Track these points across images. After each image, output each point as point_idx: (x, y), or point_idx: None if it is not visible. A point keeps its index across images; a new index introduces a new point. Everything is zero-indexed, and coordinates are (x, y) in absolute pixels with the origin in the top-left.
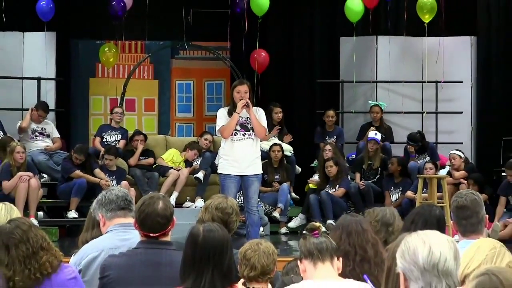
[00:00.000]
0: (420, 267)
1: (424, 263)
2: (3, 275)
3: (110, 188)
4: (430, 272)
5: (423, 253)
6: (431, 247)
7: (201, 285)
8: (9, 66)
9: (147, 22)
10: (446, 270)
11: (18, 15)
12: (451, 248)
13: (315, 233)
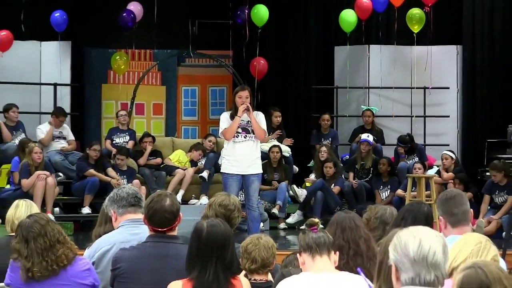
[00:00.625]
0: (410, 259)
1: (415, 256)
2: (23, 266)
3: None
4: (419, 263)
5: (414, 246)
6: (421, 241)
7: (206, 277)
8: (27, 73)
9: (155, 32)
10: (434, 263)
11: (36, 25)
12: (440, 243)
13: (314, 228)
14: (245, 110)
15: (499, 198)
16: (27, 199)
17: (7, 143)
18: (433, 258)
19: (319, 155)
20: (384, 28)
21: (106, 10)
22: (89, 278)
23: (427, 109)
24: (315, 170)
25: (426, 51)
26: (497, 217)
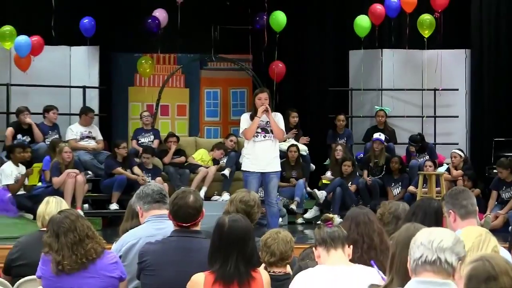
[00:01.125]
0: (418, 244)
1: (422, 241)
2: (53, 259)
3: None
4: (425, 246)
5: (424, 235)
6: (431, 232)
7: (227, 269)
8: (58, 76)
9: (179, 38)
10: (440, 247)
11: (65, 31)
12: (452, 236)
13: (329, 223)
14: (264, 111)
15: (505, 194)
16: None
17: (39, 143)
18: (439, 244)
19: (335, 154)
20: (396, 33)
21: (133, 16)
22: (116, 271)
23: (437, 110)
24: (331, 168)
25: (436, 54)
26: (504, 212)
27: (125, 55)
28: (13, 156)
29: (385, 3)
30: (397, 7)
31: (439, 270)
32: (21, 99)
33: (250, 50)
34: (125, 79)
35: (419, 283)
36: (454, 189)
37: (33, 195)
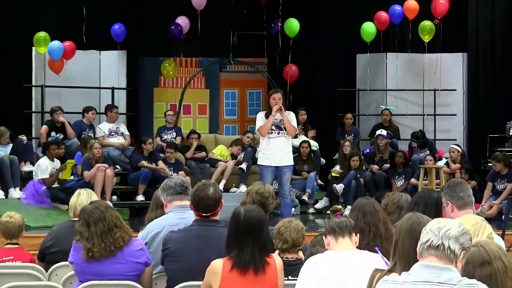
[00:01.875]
0: (427, 230)
1: (432, 227)
2: (84, 246)
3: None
4: (433, 232)
5: (434, 224)
6: (441, 221)
7: (243, 256)
8: (88, 78)
9: (200, 42)
10: (446, 234)
11: (95, 37)
12: (459, 226)
13: (337, 214)
14: (278, 110)
15: (500, 185)
16: (88, 188)
17: (71, 140)
18: (446, 232)
19: (343, 149)
20: (399, 38)
21: (157, 23)
22: (142, 257)
23: (437, 109)
24: (340, 162)
25: (436, 58)
26: (498, 202)
27: (150, 58)
28: (48, 152)
29: (389, 11)
30: (400, 14)
31: (442, 255)
32: (54, 100)
33: (265, 54)
34: (150, 80)
35: (423, 266)
36: (452, 181)
37: (66, 187)
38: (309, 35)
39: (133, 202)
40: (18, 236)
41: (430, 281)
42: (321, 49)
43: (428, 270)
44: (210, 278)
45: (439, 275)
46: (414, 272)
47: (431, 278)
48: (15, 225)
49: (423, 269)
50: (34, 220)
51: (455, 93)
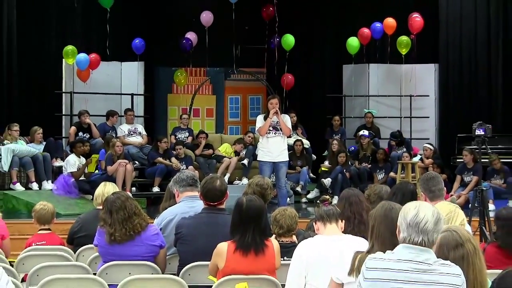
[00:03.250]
0: (407, 223)
1: (410, 221)
2: (107, 231)
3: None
4: (412, 228)
5: (412, 214)
6: (418, 212)
7: (245, 239)
8: (111, 86)
9: (207, 54)
10: (424, 229)
11: (118, 50)
12: (434, 216)
13: (325, 203)
14: (275, 113)
15: (467, 178)
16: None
17: (96, 139)
18: (424, 226)
19: (332, 147)
20: (380, 51)
21: (170, 38)
22: (157, 240)
23: (412, 112)
24: (329, 158)
25: (411, 68)
26: (465, 193)
27: (165, 68)
28: (75, 149)
29: (371, 27)
30: (380, 30)
31: (422, 244)
32: (81, 104)
33: (264, 65)
34: (165, 87)
35: (405, 247)
36: (426, 175)
37: (91, 180)
38: (303, 48)
39: (150, 193)
40: (50, 222)
41: (410, 260)
42: (313, 60)
43: (409, 250)
44: (217, 258)
45: (418, 255)
46: (397, 252)
47: (411, 257)
48: (48, 212)
49: (405, 249)
50: (63, 209)
51: (428, 99)
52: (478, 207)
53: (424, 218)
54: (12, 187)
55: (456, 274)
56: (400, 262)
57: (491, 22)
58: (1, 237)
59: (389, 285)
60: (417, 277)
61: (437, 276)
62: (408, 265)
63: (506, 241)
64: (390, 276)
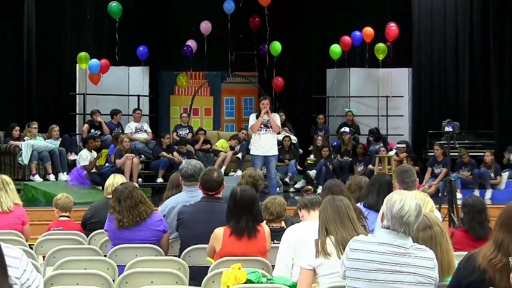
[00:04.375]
0: (392, 214)
1: (395, 213)
2: (116, 218)
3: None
4: (396, 219)
5: (397, 207)
6: (404, 204)
7: (240, 225)
8: (119, 88)
9: (206, 60)
10: (406, 222)
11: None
12: (416, 210)
13: (309, 193)
14: (266, 113)
15: (437, 169)
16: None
17: (106, 135)
18: (407, 219)
19: (316, 142)
20: (359, 57)
21: (172, 45)
22: (161, 225)
23: (388, 111)
24: (314, 152)
25: (387, 72)
26: (436, 183)
27: (168, 72)
28: (88, 145)
29: (351, 35)
30: (360, 38)
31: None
32: (93, 104)
33: (256, 69)
34: (167, 89)
35: (385, 232)
36: (400, 167)
37: (102, 172)
38: (290, 54)
39: (154, 183)
40: (70, 210)
41: (389, 243)
42: (300, 65)
43: (389, 235)
44: (214, 242)
45: (396, 239)
46: (378, 235)
47: (390, 241)
48: (70, 202)
49: (386, 234)
50: (77, 197)
51: (402, 99)
52: (447, 196)
53: (408, 212)
54: (32, 179)
55: (429, 258)
56: (380, 245)
57: (459, 31)
58: (22, 223)
59: (370, 265)
60: (395, 259)
61: (412, 259)
62: (387, 248)
63: (472, 226)
64: (370, 257)
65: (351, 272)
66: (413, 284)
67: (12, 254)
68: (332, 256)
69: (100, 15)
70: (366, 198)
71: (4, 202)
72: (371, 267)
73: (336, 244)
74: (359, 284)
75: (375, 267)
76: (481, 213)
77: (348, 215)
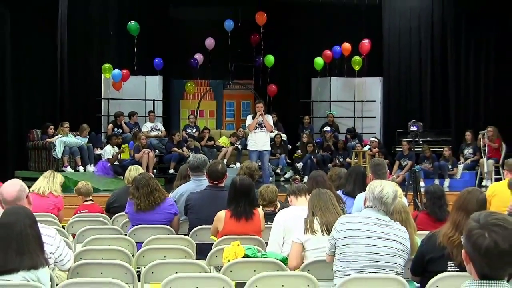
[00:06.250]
0: (373, 196)
1: (376, 195)
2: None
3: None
4: (377, 200)
5: (378, 189)
6: (383, 188)
7: (239, 209)
8: (138, 93)
9: (210, 70)
10: (385, 202)
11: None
12: (394, 193)
13: (296, 181)
14: (260, 115)
15: (404, 162)
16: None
17: (126, 134)
18: (385, 200)
19: (303, 139)
20: (339, 67)
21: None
22: (172, 209)
23: (363, 113)
24: (300, 148)
25: (362, 80)
26: (403, 173)
27: (178, 80)
28: (111, 141)
29: (332, 49)
30: (339, 52)
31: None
32: (115, 107)
33: (253, 78)
34: (178, 95)
35: (369, 209)
36: (374, 161)
37: (123, 165)
38: (281, 65)
39: (167, 174)
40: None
41: (372, 217)
42: (289, 74)
43: (372, 212)
44: (217, 223)
45: (378, 215)
46: (364, 212)
47: (374, 215)
48: (90, 187)
49: (369, 211)
50: (102, 185)
51: (374, 103)
52: (412, 184)
53: (387, 194)
54: (64, 170)
55: (404, 231)
56: (367, 218)
57: (422, 46)
58: (58, 208)
59: (360, 233)
60: (380, 229)
61: (392, 229)
62: (372, 220)
63: (433, 210)
64: (360, 227)
65: (342, 241)
66: (397, 249)
67: (48, 233)
68: (317, 234)
69: (121, 32)
70: (345, 187)
71: (42, 187)
72: (362, 234)
73: (321, 225)
74: (350, 249)
75: (364, 234)
76: (441, 199)
77: (332, 203)
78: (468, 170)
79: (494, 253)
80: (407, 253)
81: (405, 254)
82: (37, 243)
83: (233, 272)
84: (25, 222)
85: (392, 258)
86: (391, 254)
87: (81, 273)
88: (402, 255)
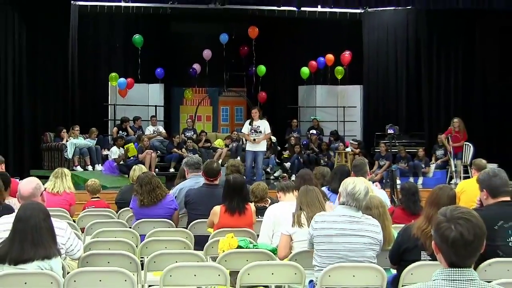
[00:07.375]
0: (347, 192)
1: (349, 191)
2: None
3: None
4: (350, 196)
5: (350, 186)
6: (355, 185)
7: (232, 204)
8: (141, 100)
9: (207, 78)
10: (357, 198)
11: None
12: (365, 189)
13: (284, 179)
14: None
15: (381, 162)
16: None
17: (130, 137)
18: (357, 196)
19: (290, 141)
20: (323, 76)
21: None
22: (173, 205)
23: (345, 117)
24: (288, 149)
25: (344, 88)
26: (381, 172)
27: (178, 88)
28: (117, 143)
29: (317, 60)
30: (323, 62)
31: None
32: (121, 112)
33: (245, 85)
34: (178, 101)
35: (343, 208)
36: (355, 161)
37: (128, 164)
38: (272, 74)
39: (168, 172)
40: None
41: (345, 215)
42: (278, 83)
43: (344, 209)
44: (213, 217)
45: (350, 212)
46: (337, 210)
47: (346, 213)
48: (98, 185)
49: (342, 208)
50: (109, 183)
51: (355, 109)
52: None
53: (358, 191)
54: (74, 169)
55: (375, 225)
56: (339, 216)
57: (398, 57)
58: (69, 204)
59: (332, 231)
60: (351, 226)
61: (364, 225)
62: (344, 218)
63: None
64: (333, 225)
65: (318, 238)
66: (367, 244)
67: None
68: (304, 227)
69: (127, 44)
70: (331, 184)
71: (56, 187)
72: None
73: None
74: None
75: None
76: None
77: (318, 199)
78: (440, 169)
79: (460, 244)
80: (378, 245)
81: (376, 246)
82: (50, 235)
83: (228, 261)
84: (40, 216)
85: (363, 253)
86: (362, 250)
87: (90, 262)
88: (373, 248)
